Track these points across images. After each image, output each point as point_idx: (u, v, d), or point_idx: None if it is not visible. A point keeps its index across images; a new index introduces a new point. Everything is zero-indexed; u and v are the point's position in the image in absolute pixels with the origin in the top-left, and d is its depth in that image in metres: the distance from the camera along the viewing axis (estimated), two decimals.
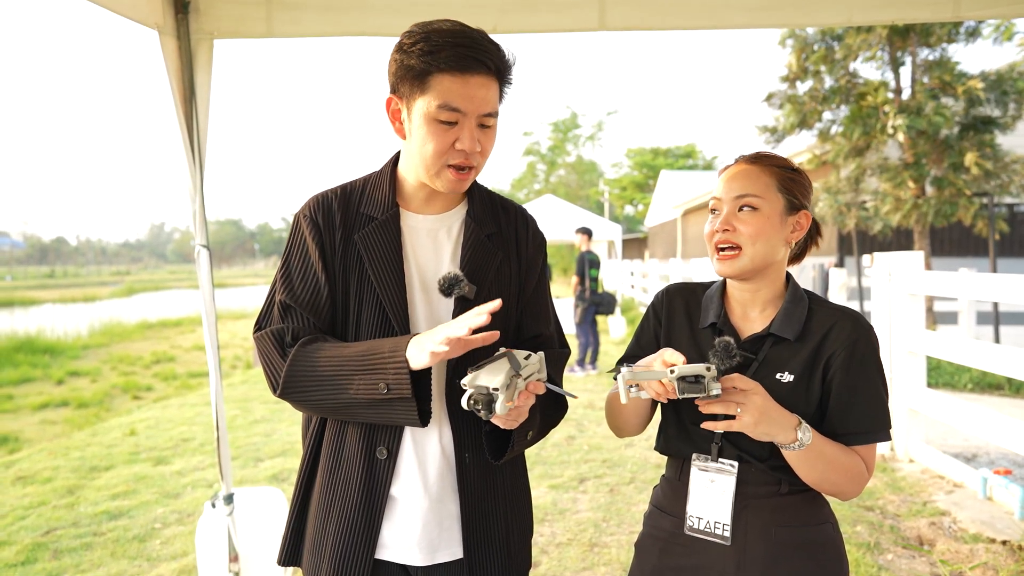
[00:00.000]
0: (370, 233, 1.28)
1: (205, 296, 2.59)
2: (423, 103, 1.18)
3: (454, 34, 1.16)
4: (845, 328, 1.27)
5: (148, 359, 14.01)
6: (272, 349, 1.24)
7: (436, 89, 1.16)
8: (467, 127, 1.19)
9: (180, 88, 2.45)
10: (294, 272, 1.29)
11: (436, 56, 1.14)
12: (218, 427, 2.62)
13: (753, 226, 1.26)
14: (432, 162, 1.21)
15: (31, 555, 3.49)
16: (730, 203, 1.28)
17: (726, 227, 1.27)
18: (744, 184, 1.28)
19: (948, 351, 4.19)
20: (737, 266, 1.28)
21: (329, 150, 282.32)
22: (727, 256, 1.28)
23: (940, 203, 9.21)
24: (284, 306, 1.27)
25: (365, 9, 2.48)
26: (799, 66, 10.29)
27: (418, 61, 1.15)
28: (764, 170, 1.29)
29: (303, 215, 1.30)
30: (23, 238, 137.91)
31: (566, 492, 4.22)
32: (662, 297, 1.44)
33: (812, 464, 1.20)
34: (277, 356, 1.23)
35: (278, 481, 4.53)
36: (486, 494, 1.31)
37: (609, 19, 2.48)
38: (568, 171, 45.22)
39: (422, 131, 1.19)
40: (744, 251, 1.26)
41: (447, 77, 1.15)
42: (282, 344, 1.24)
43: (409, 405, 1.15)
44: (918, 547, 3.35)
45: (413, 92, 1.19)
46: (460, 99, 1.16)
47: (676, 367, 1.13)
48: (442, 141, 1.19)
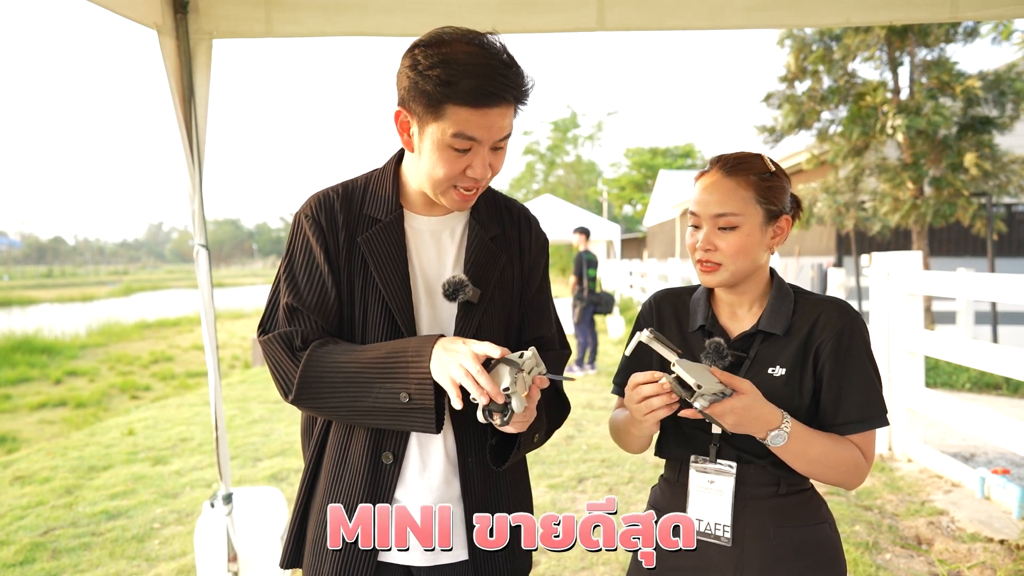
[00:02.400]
0: (375, 235, 1.26)
1: (204, 296, 2.59)
2: (436, 129, 1.14)
3: (476, 64, 1.09)
4: (831, 318, 1.27)
5: (146, 359, 14.00)
6: (282, 353, 1.21)
7: (452, 119, 1.12)
8: (480, 154, 1.16)
9: (179, 88, 2.44)
10: (298, 273, 1.26)
11: (454, 88, 1.09)
12: (217, 427, 2.62)
13: (734, 245, 1.26)
14: (440, 184, 1.19)
15: (29, 555, 3.49)
16: (709, 221, 1.28)
17: (707, 247, 1.28)
18: (722, 201, 1.26)
19: (946, 351, 4.20)
20: (719, 279, 1.29)
21: (328, 150, 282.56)
22: (708, 269, 1.29)
23: (938, 203, 9.22)
24: (290, 308, 1.24)
25: (364, 9, 2.48)
26: (798, 66, 10.29)
27: (434, 89, 1.10)
28: (740, 183, 1.27)
29: (304, 215, 1.27)
30: (21, 237, 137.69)
31: (565, 492, 4.22)
32: (650, 305, 1.44)
33: (798, 458, 1.21)
34: (288, 361, 1.20)
35: (277, 481, 4.53)
36: (490, 496, 1.31)
37: (608, 19, 2.48)
38: (567, 171, 45.24)
39: (433, 156, 1.16)
40: (725, 267, 1.27)
41: (464, 110, 1.11)
42: (292, 348, 1.21)
43: (428, 415, 1.14)
44: (916, 546, 3.36)
45: (426, 115, 1.14)
46: (476, 129, 1.13)
47: (680, 363, 1.14)
48: (454, 167, 1.16)
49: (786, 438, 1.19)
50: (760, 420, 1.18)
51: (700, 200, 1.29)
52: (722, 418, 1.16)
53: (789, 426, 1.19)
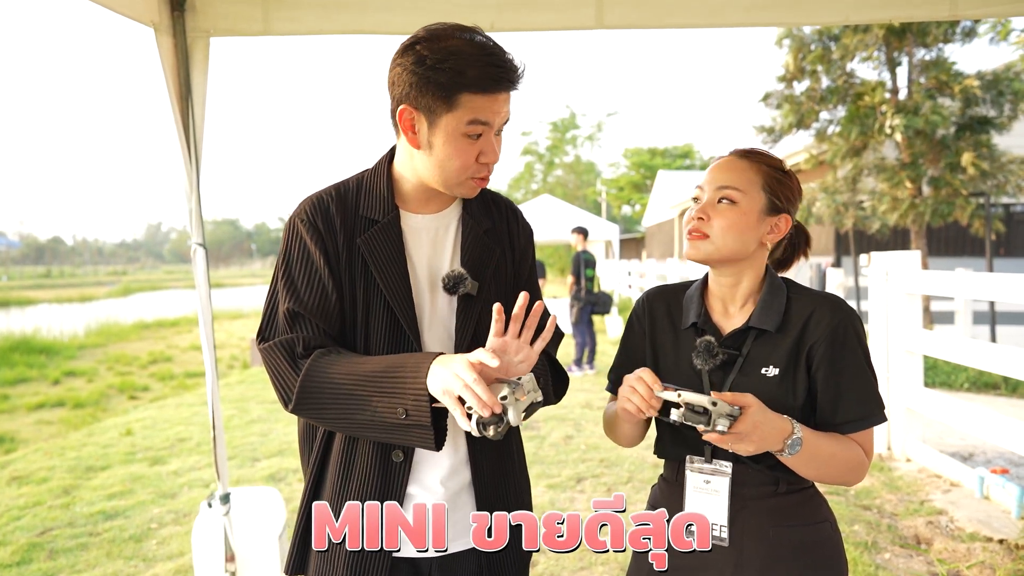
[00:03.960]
0: (373, 236, 1.27)
1: (201, 295, 2.59)
2: (451, 119, 1.18)
3: (482, 54, 1.16)
4: (824, 315, 1.26)
5: (145, 359, 13.99)
6: (282, 362, 1.21)
7: (465, 107, 1.17)
8: (489, 139, 1.22)
9: (176, 86, 2.44)
10: (297, 278, 1.26)
11: (466, 76, 1.15)
12: (214, 426, 2.61)
13: (727, 219, 1.26)
14: (456, 175, 1.24)
15: (26, 555, 3.48)
16: (711, 192, 1.29)
17: (701, 215, 1.28)
18: (728, 176, 1.28)
19: (945, 350, 4.20)
20: (702, 251, 1.28)
21: (326, 149, 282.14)
22: (696, 238, 1.28)
23: (937, 203, 9.23)
24: (292, 314, 1.24)
25: (362, 7, 2.47)
26: (796, 66, 10.30)
27: (449, 80, 1.15)
28: (752, 166, 1.28)
29: (300, 219, 1.28)
30: (19, 238, 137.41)
31: (564, 492, 4.22)
32: (643, 303, 1.43)
33: (808, 463, 1.20)
34: (288, 369, 1.20)
35: (275, 481, 4.52)
36: (498, 487, 1.34)
37: (607, 18, 2.48)
38: (566, 171, 45.26)
39: (449, 147, 1.21)
40: (712, 239, 1.27)
41: (478, 97, 1.17)
42: (293, 356, 1.21)
43: (426, 431, 1.14)
44: (915, 546, 3.35)
45: (439, 107, 1.18)
46: (488, 114, 1.19)
47: (683, 394, 1.12)
48: (468, 155, 1.22)
49: (801, 443, 1.17)
50: (776, 430, 1.15)
51: (707, 177, 1.31)
52: (744, 440, 1.13)
53: (800, 430, 1.18)
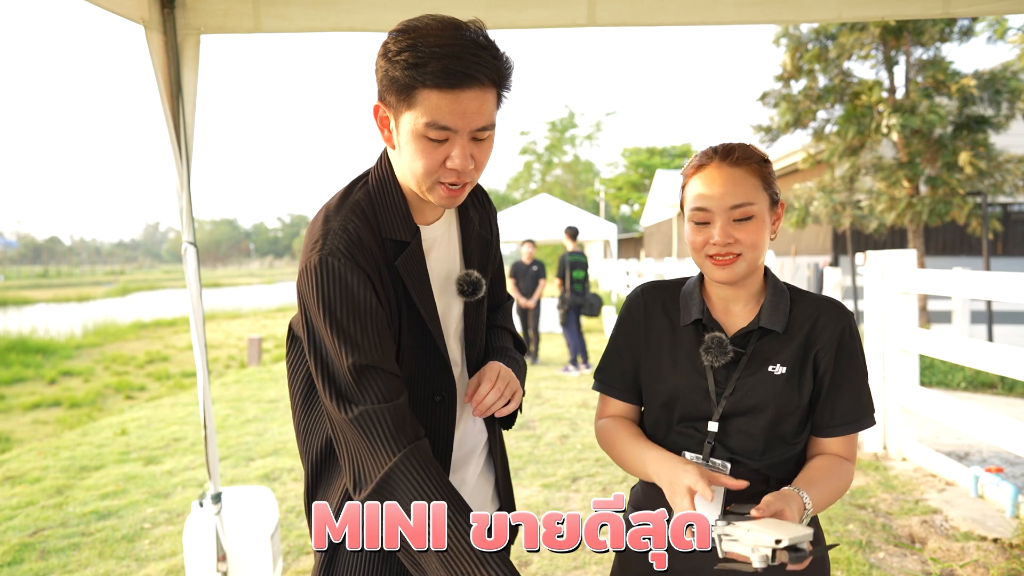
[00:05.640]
0: (409, 259, 1.21)
1: (192, 293, 2.58)
2: (410, 118, 1.08)
3: (444, 44, 1.04)
4: (831, 320, 1.27)
5: (142, 359, 13.95)
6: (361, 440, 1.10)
7: (423, 106, 1.06)
8: (458, 144, 1.10)
9: (166, 84, 2.43)
10: (349, 326, 1.12)
11: (422, 70, 1.04)
12: (205, 425, 2.59)
13: (752, 235, 1.22)
14: (423, 179, 1.13)
15: (18, 555, 3.46)
16: (724, 213, 1.22)
17: (727, 240, 1.22)
18: (737, 193, 1.22)
19: (941, 350, 4.19)
20: (737, 271, 1.24)
21: (323, 148, 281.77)
22: (726, 262, 1.23)
23: (934, 202, 9.23)
24: (356, 369, 1.12)
25: (353, 4, 2.46)
26: (793, 65, 10.30)
27: (403, 74, 1.05)
28: (747, 172, 1.24)
29: (335, 258, 1.13)
30: (16, 237, 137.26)
31: (559, 491, 4.21)
32: (637, 297, 1.40)
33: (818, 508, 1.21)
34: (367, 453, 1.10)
35: (270, 481, 4.51)
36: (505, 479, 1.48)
37: (599, 15, 2.47)
38: (564, 171, 45.27)
39: (410, 147, 1.11)
40: (744, 256, 1.23)
41: (435, 93, 1.05)
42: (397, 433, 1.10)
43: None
44: (910, 545, 3.35)
45: (399, 105, 1.09)
46: (450, 116, 1.06)
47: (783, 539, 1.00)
48: (432, 159, 1.10)
49: (812, 507, 1.17)
50: (796, 514, 1.13)
51: (709, 194, 1.24)
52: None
53: (807, 499, 1.17)
